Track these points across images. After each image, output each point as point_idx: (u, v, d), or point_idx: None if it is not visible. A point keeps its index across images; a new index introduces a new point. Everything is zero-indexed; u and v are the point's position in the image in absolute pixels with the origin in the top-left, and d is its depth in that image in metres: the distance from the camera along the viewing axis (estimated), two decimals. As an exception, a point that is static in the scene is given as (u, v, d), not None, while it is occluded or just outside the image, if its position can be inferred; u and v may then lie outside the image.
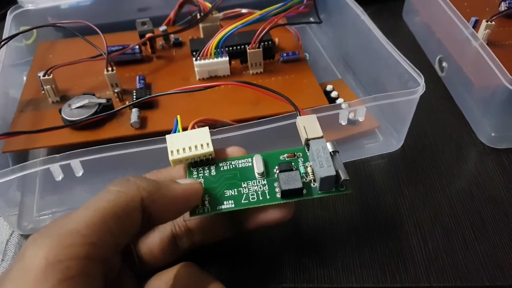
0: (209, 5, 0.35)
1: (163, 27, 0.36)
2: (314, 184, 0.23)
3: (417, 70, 0.28)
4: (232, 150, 0.25)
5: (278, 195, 0.22)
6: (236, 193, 0.23)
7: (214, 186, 0.23)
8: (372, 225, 0.27)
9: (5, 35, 0.35)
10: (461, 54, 0.35)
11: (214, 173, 0.23)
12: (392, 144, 0.32)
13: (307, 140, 0.23)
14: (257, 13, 0.32)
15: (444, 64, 0.37)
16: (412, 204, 0.28)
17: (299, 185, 0.22)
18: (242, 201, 0.22)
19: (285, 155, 0.24)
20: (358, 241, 0.26)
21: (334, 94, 0.33)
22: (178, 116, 0.24)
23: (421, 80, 0.28)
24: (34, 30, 0.39)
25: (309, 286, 0.24)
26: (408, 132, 0.31)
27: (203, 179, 0.23)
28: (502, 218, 0.27)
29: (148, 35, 0.33)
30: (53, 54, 0.37)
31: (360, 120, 0.28)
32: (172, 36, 0.36)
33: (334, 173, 0.22)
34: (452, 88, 0.36)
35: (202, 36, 0.36)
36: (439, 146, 0.32)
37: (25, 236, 0.27)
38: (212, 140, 0.23)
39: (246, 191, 0.23)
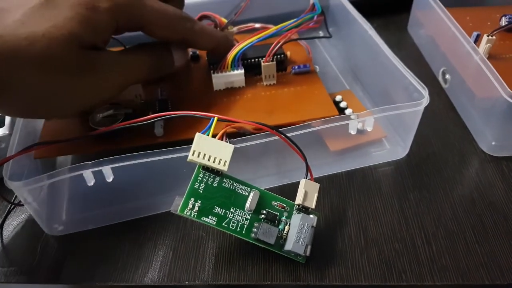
0: (224, 20, 0.37)
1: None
2: (282, 242, 0.26)
3: (421, 83, 0.30)
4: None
5: (252, 235, 0.26)
6: (222, 213, 0.26)
7: (210, 196, 0.26)
8: (379, 228, 0.29)
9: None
10: (463, 67, 0.36)
11: (216, 185, 0.26)
12: (398, 152, 0.34)
13: (301, 206, 0.27)
14: (272, 29, 0.34)
15: (447, 76, 0.39)
16: (417, 208, 0.30)
17: (271, 241, 0.26)
18: (223, 224, 0.26)
19: (277, 203, 0.27)
20: (366, 242, 0.28)
21: (343, 104, 0.35)
22: (215, 117, 0.27)
23: (425, 93, 0.30)
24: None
25: (321, 284, 0.26)
26: (414, 141, 0.33)
27: (205, 185, 0.26)
28: (501, 221, 0.29)
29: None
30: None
31: (369, 130, 0.30)
32: (189, 49, 0.38)
33: (302, 253, 0.26)
34: (454, 99, 0.38)
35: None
36: (443, 154, 0.34)
37: (56, 238, 0.29)
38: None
39: (230, 216, 0.26)
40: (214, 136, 0.26)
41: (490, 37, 0.36)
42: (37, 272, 0.28)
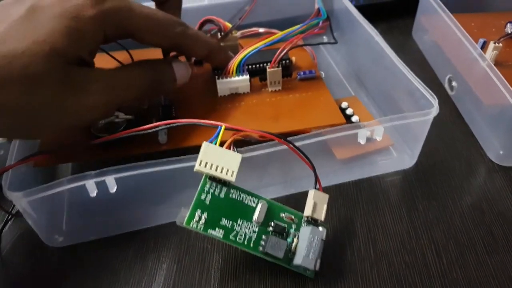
0: (229, 24, 0.36)
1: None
2: (290, 255, 0.26)
3: (430, 92, 0.30)
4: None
5: (260, 248, 0.25)
6: (229, 226, 0.25)
7: (217, 207, 0.25)
8: (389, 239, 0.28)
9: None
10: (470, 74, 0.36)
11: (223, 196, 0.25)
12: (406, 161, 0.33)
13: (309, 218, 0.26)
14: (277, 35, 0.33)
15: (453, 83, 0.38)
16: (426, 219, 0.30)
17: (280, 255, 0.25)
18: (230, 237, 0.25)
19: (285, 214, 0.26)
20: (376, 255, 0.28)
21: (349, 111, 0.35)
22: (223, 126, 0.26)
23: (434, 102, 0.29)
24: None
25: (331, 299, 0.26)
26: (421, 149, 0.32)
27: (211, 196, 0.25)
28: (511, 232, 0.29)
29: (172, 54, 0.35)
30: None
31: (378, 139, 0.29)
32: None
33: (311, 267, 0.25)
34: (461, 107, 0.38)
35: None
36: (450, 163, 0.33)
37: (56, 249, 0.28)
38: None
39: (238, 228, 0.25)
40: (221, 144, 0.26)
41: (496, 44, 0.36)
42: (36, 285, 0.27)
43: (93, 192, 0.26)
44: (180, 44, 0.29)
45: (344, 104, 0.35)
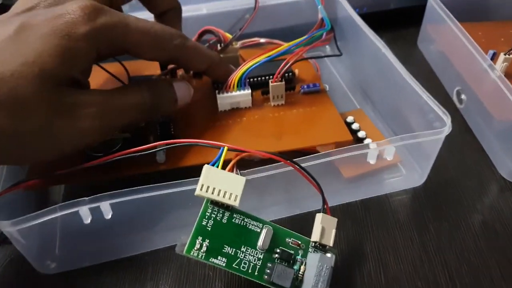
0: (229, 35, 0.34)
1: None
2: (297, 284, 0.24)
3: (442, 108, 0.28)
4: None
5: (265, 277, 0.23)
6: (232, 254, 0.23)
7: (219, 234, 0.23)
8: (400, 264, 0.27)
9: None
10: (480, 87, 0.35)
11: (226, 221, 0.24)
12: (415, 179, 0.32)
13: (317, 243, 0.24)
14: (281, 48, 0.31)
15: (462, 96, 0.37)
16: (438, 241, 0.28)
17: (287, 285, 0.23)
18: (233, 265, 0.23)
19: (291, 239, 0.25)
20: (387, 280, 0.26)
21: (355, 126, 0.33)
22: (225, 148, 0.24)
23: (447, 120, 0.28)
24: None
25: (340, 328, 0.24)
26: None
27: (213, 222, 0.23)
28: (527, 256, 0.27)
29: (170, 66, 0.33)
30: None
31: (389, 159, 0.28)
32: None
33: None
34: (471, 121, 0.36)
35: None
36: (461, 180, 0.32)
37: (48, 276, 0.27)
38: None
39: (242, 256, 0.23)
40: (223, 165, 0.24)
41: (507, 56, 0.35)
42: (27, 316, 0.25)
43: (87, 219, 0.24)
44: (178, 58, 0.28)
45: (349, 119, 0.34)
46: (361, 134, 0.33)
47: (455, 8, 0.38)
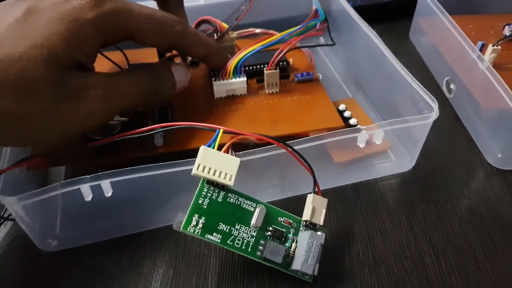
0: (225, 25, 0.35)
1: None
2: (289, 260, 0.25)
3: (430, 95, 0.29)
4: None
5: (258, 253, 0.25)
6: (227, 230, 0.25)
7: (215, 212, 0.24)
8: (388, 244, 0.28)
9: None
10: (469, 77, 0.36)
11: (221, 200, 0.25)
12: (404, 165, 0.33)
13: (308, 222, 0.26)
14: (275, 36, 0.33)
15: (452, 86, 0.38)
16: (425, 223, 0.29)
17: (279, 260, 0.25)
18: (228, 241, 0.24)
19: (284, 219, 0.26)
20: (375, 260, 0.27)
21: (347, 113, 0.34)
22: (221, 130, 0.25)
23: (435, 106, 0.29)
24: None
25: (329, 304, 0.25)
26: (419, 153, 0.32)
27: (209, 200, 0.24)
28: (510, 237, 0.29)
29: (168, 55, 0.34)
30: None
31: (378, 143, 0.29)
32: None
33: (310, 272, 0.25)
34: (459, 110, 0.37)
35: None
36: (449, 166, 0.33)
37: (49, 254, 0.28)
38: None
39: (236, 233, 0.25)
40: (219, 148, 0.25)
41: (495, 47, 0.36)
42: (29, 290, 0.26)
43: (88, 197, 0.25)
44: (180, 43, 0.29)
45: (341, 107, 0.35)
46: (352, 121, 0.34)
47: (446, 1, 0.39)
